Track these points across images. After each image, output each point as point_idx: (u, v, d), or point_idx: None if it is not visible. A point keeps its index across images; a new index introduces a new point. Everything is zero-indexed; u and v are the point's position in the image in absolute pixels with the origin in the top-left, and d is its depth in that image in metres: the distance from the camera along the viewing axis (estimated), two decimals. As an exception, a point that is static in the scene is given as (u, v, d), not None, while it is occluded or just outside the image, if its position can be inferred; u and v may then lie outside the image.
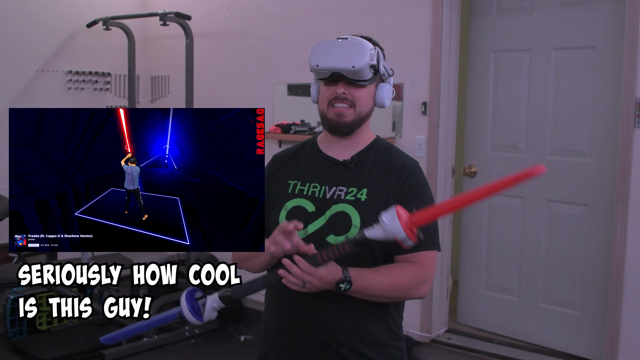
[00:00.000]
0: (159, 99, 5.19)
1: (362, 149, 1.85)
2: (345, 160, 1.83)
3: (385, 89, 1.83)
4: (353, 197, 1.77)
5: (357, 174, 1.81)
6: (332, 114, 1.79)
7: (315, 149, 1.91)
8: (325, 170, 1.84)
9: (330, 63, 1.74)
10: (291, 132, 4.25)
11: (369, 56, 1.74)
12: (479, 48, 3.94)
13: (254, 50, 4.62)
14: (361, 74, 1.74)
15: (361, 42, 1.76)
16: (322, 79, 1.80)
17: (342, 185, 1.80)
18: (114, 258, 4.41)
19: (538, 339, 3.82)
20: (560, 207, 3.69)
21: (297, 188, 1.84)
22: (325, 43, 1.77)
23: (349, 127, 1.80)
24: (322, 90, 1.81)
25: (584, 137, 3.57)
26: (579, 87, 3.57)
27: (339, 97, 1.77)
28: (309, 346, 1.79)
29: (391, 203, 1.74)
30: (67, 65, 4.75)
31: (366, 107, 1.81)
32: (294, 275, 1.60)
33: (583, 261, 3.62)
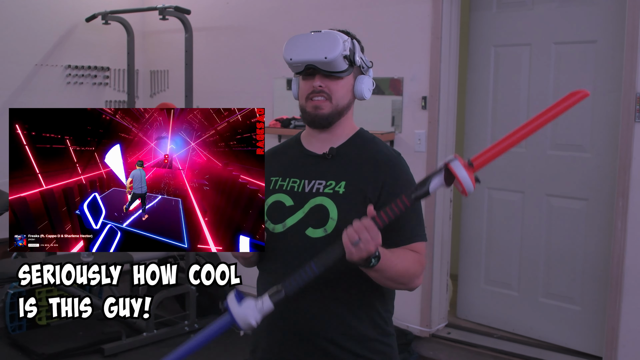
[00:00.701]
0: (158, 93, 5.17)
1: (343, 141, 1.85)
2: (324, 153, 1.84)
3: (364, 81, 1.83)
4: (331, 190, 1.77)
5: (336, 167, 1.81)
6: (310, 107, 1.80)
7: (298, 144, 1.92)
8: (305, 165, 1.85)
9: (303, 56, 1.75)
10: (291, 127, 4.24)
11: (341, 47, 1.74)
12: (479, 42, 3.93)
13: (253, 44, 4.60)
14: (334, 65, 1.74)
15: (333, 34, 1.76)
16: (298, 73, 1.81)
17: (321, 178, 1.80)
18: (114, 253, 4.40)
19: (537, 333, 3.82)
20: (560, 202, 3.68)
21: (278, 184, 1.85)
22: (298, 37, 1.79)
23: (327, 120, 1.80)
24: (301, 85, 1.83)
25: (584, 132, 3.56)
26: (579, 82, 3.55)
27: (315, 90, 1.77)
28: (294, 341, 1.79)
29: (369, 196, 1.74)
30: (66, 59, 4.74)
31: (344, 100, 1.80)
32: (354, 228, 1.54)
33: (583, 256, 3.62)
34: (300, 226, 1.77)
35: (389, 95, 3.95)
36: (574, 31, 3.55)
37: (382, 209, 1.58)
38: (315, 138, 1.87)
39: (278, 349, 1.83)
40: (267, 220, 1.81)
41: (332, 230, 1.72)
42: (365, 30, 4.00)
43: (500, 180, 3.91)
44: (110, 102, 4.99)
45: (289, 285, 1.60)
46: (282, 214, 1.78)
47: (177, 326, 4.39)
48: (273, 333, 1.83)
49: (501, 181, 3.91)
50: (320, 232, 1.73)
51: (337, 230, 1.70)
